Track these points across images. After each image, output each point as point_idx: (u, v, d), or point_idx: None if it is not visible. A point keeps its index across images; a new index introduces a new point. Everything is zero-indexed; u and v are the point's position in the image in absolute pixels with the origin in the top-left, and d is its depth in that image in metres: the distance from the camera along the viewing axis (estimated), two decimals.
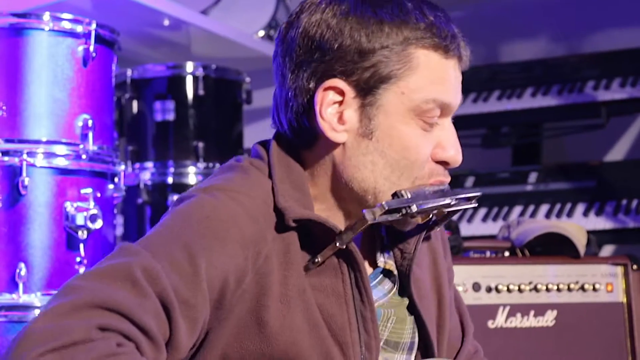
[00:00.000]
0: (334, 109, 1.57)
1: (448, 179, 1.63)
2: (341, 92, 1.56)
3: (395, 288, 1.69)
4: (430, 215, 1.63)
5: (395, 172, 1.58)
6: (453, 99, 1.60)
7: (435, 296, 1.75)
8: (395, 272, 1.69)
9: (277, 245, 1.54)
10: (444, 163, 1.61)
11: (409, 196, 1.56)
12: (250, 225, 1.52)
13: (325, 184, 1.62)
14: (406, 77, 1.55)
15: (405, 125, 1.56)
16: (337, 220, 1.62)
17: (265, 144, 1.68)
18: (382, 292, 1.68)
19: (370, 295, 1.58)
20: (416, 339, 1.71)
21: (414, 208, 1.54)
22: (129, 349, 1.33)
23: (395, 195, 1.57)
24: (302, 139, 1.62)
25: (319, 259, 1.55)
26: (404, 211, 1.54)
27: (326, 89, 1.56)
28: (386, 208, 1.53)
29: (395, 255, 1.70)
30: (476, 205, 1.71)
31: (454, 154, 1.60)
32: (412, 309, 1.70)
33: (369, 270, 1.68)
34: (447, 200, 1.59)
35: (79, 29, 2.62)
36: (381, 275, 1.69)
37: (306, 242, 1.57)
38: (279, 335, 1.52)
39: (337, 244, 1.54)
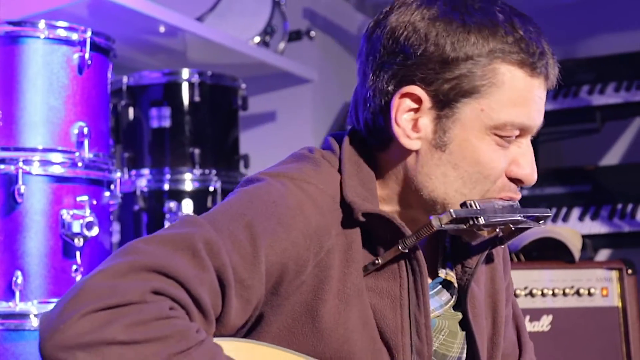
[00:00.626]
0: (410, 116, 1.55)
1: (519, 196, 1.59)
2: (418, 100, 1.54)
3: (453, 301, 1.66)
4: (497, 230, 1.61)
5: (467, 185, 1.55)
6: (534, 122, 1.56)
7: (490, 313, 1.71)
8: (456, 285, 1.67)
9: (340, 241, 1.52)
10: (517, 180, 1.57)
11: (478, 207, 1.52)
12: (316, 217, 1.50)
13: (394, 187, 1.60)
14: (488, 94, 1.51)
15: (481, 140, 1.53)
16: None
17: (338, 137, 1.66)
18: (438, 302, 1.65)
19: (427, 301, 1.56)
20: (464, 355, 1.68)
21: (482, 220, 1.50)
22: (181, 314, 1.34)
23: (464, 205, 1.53)
24: (377, 139, 1.60)
25: (379, 261, 1.53)
26: (471, 222, 1.51)
27: (403, 95, 1.54)
28: (453, 216, 1.49)
29: (456, 269, 1.67)
30: (545, 225, 1.67)
31: (530, 172, 1.56)
32: (465, 324, 1.67)
33: (429, 280, 1.64)
34: (516, 217, 1.56)
35: (75, 36, 2.63)
36: (439, 286, 1.67)
37: (368, 241, 1.55)
38: (332, 331, 1.50)
39: (400, 247, 1.52)
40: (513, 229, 1.59)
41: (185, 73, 3.41)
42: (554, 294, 2.77)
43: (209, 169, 3.40)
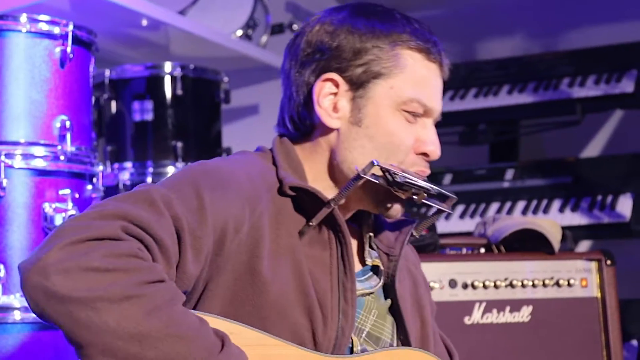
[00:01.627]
0: (330, 100, 1.80)
1: (429, 171, 1.83)
2: (336, 84, 1.79)
3: (380, 283, 1.86)
4: (413, 194, 1.78)
5: (382, 156, 1.77)
6: (435, 104, 1.81)
7: (417, 315, 1.92)
8: (382, 268, 1.87)
9: (270, 207, 1.72)
10: (424, 155, 1.80)
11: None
12: (248, 184, 1.71)
13: (322, 167, 1.82)
14: (394, 75, 1.77)
15: (392, 115, 1.78)
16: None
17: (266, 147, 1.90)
18: (368, 285, 1.84)
19: (352, 268, 1.75)
20: (394, 343, 1.85)
21: (399, 178, 1.74)
22: (147, 256, 1.51)
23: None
24: (301, 130, 1.84)
25: (313, 222, 1.73)
26: (390, 178, 1.74)
27: (324, 81, 1.79)
28: (375, 164, 1.73)
29: (382, 259, 1.89)
30: (451, 211, 1.84)
31: (434, 148, 1.80)
32: (394, 312, 1.87)
33: (358, 266, 1.84)
34: (428, 185, 1.78)
35: (56, 30, 2.63)
36: (370, 273, 1.87)
37: (299, 212, 1.75)
38: (270, 285, 1.66)
39: (332, 204, 1.73)
40: (425, 200, 1.81)
41: (167, 66, 3.42)
42: (533, 285, 2.78)
43: (192, 162, 3.40)
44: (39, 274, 1.43)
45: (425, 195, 1.79)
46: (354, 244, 1.84)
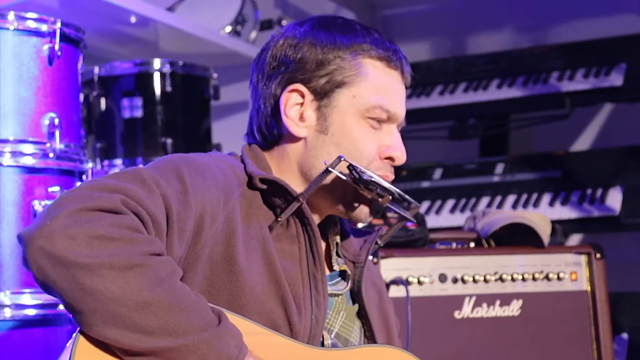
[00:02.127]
0: (296, 110, 1.85)
1: (393, 176, 1.88)
2: (302, 95, 1.85)
3: (348, 287, 1.92)
4: (378, 196, 1.82)
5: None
6: (398, 109, 1.87)
7: (382, 321, 1.98)
8: (349, 272, 1.93)
9: (242, 201, 1.77)
10: (390, 159, 1.86)
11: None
12: (222, 177, 1.76)
13: (290, 174, 1.87)
14: (357, 83, 1.83)
15: (356, 122, 1.83)
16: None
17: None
18: (337, 289, 1.90)
19: (322, 260, 1.81)
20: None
21: (366, 176, 1.78)
22: (143, 229, 1.55)
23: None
24: (269, 140, 1.89)
25: (282, 218, 1.78)
26: (356, 175, 1.78)
27: (289, 92, 1.85)
28: (342, 159, 1.79)
29: (348, 266, 1.94)
30: (413, 220, 1.98)
31: (399, 154, 1.87)
32: (361, 316, 1.93)
33: (326, 271, 1.88)
34: (392, 188, 1.83)
35: (44, 27, 2.63)
36: (338, 278, 1.92)
37: (268, 206, 1.81)
38: (245, 273, 1.70)
39: (300, 199, 1.78)
40: (389, 205, 1.86)
41: (156, 63, 3.41)
42: (523, 279, 2.79)
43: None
44: (45, 239, 1.46)
45: (390, 198, 1.83)
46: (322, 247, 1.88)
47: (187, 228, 1.65)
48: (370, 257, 2.04)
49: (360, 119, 1.83)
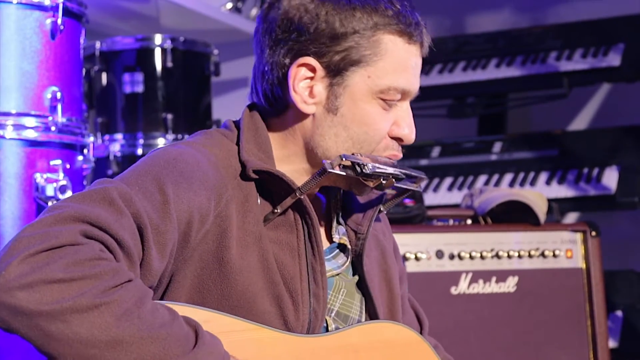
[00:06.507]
0: (305, 84, 1.73)
1: (400, 154, 1.79)
2: (313, 70, 1.72)
3: (348, 262, 1.83)
4: (382, 181, 1.75)
5: (355, 145, 1.74)
6: (413, 86, 1.76)
7: (385, 286, 1.89)
8: (349, 247, 1.84)
9: (237, 194, 1.68)
10: (398, 139, 1.77)
11: (363, 157, 1.73)
12: (213, 172, 1.66)
13: (293, 148, 1.77)
14: (374, 62, 1.71)
15: (368, 104, 1.73)
16: (301, 181, 1.74)
17: (236, 121, 1.82)
18: (336, 264, 1.82)
19: (321, 250, 1.72)
20: (363, 318, 1.84)
21: (368, 169, 1.69)
22: (109, 256, 1.46)
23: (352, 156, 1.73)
24: (275, 108, 1.77)
25: (278, 210, 1.70)
26: (358, 169, 1.69)
27: (300, 65, 1.72)
28: (343, 159, 1.69)
29: (350, 236, 1.85)
30: (421, 190, 1.90)
31: (409, 132, 1.76)
32: (362, 287, 1.84)
33: (325, 244, 1.81)
34: (396, 171, 1.75)
35: (47, 2, 2.64)
36: (337, 250, 1.84)
37: (265, 196, 1.72)
38: (237, 274, 1.63)
39: (297, 194, 1.69)
40: (395, 184, 1.78)
41: (157, 39, 3.43)
42: (519, 256, 2.82)
43: (182, 135, 3.43)
44: (2, 292, 1.38)
45: (394, 181, 1.76)
46: (321, 219, 1.82)
47: (169, 241, 1.56)
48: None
49: (372, 99, 1.72)
